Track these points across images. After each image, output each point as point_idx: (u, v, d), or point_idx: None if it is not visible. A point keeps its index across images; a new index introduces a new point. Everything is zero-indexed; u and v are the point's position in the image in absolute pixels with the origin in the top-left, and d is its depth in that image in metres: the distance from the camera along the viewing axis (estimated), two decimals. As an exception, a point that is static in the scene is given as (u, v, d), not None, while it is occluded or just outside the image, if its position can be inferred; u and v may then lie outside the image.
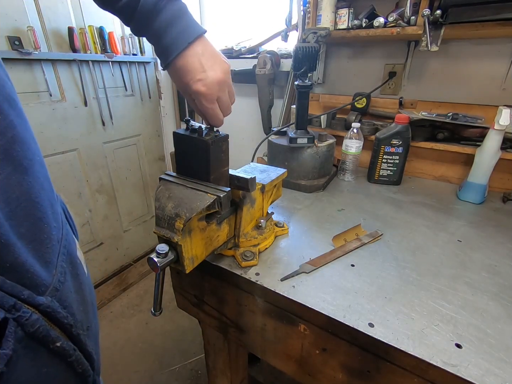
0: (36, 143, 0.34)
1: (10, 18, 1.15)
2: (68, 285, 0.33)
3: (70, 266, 0.35)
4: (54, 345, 0.29)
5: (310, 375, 0.55)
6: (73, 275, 0.35)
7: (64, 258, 0.34)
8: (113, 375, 1.37)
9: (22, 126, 0.30)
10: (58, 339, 0.29)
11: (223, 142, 0.48)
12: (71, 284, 0.34)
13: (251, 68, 1.38)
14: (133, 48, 1.59)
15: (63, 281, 0.32)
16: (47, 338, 0.28)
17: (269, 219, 0.66)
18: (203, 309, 0.68)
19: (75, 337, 0.32)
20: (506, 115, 0.76)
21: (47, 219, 0.32)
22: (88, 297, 0.39)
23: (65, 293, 0.32)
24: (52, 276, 0.30)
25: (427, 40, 0.82)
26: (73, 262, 0.36)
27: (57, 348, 0.29)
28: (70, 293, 0.33)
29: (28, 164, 0.30)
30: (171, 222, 0.44)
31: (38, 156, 0.33)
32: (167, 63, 0.44)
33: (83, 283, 0.38)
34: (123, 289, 1.88)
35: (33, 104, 1.30)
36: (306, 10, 1.05)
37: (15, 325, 0.25)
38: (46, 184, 0.34)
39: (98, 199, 1.68)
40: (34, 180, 0.30)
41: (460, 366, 0.39)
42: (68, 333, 0.31)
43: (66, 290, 0.32)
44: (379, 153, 0.97)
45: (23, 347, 0.26)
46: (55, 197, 0.37)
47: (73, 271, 0.36)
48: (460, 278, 0.56)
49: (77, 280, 0.37)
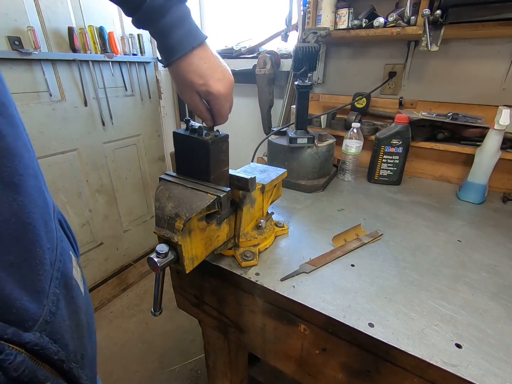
0: (30, 151, 0.31)
1: (10, 18, 1.15)
2: (61, 313, 0.30)
3: (64, 290, 0.32)
4: None
5: (310, 375, 0.55)
6: (67, 300, 0.33)
7: (57, 283, 0.31)
8: (113, 375, 1.37)
9: (12, 135, 0.27)
10: (46, 380, 0.26)
11: (223, 142, 0.48)
12: (65, 311, 0.32)
13: (251, 68, 1.38)
14: (133, 48, 1.59)
15: (54, 311, 0.29)
16: (33, 380, 0.25)
17: (269, 219, 0.66)
18: (203, 309, 0.68)
19: (68, 372, 0.30)
20: (506, 115, 0.76)
21: (40, 242, 0.29)
22: (84, 318, 0.36)
23: (56, 324, 0.29)
24: (42, 307, 0.27)
25: (427, 40, 0.82)
26: (68, 285, 0.34)
27: None
28: (63, 322, 0.30)
29: (19, 180, 0.27)
30: (171, 222, 0.44)
31: (31, 168, 0.30)
32: (170, 62, 0.44)
33: (78, 306, 0.35)
34: (123, 289, 1.87)
35: (33, 104, 1.29)
36: (306, 10, 1.05)
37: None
38: (40, 200, 0.31)
39: (98, 199, 1.68)
40: (25, 198, 0.28)
41: (460, 366, 0.39)
42: (59, 368, 0.29)
43: (58, 320, 0.29)
44: (379, 153, 0.97)
45: None
46: (51, 211, 0.34)
47: (68, 295, 0.33)
48: (460, 278, 0.56)
49: (72, 304, 0.34)
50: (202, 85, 0.45)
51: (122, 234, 1.89)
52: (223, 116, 0.50)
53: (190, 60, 0.44)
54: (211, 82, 0.45)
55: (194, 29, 0.44)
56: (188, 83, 0.46)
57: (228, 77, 0.47)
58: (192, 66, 0.44)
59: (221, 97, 0.46)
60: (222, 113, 0.49)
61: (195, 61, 0.44)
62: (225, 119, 0.51)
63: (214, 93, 0.46)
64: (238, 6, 1.66)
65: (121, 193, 1.81)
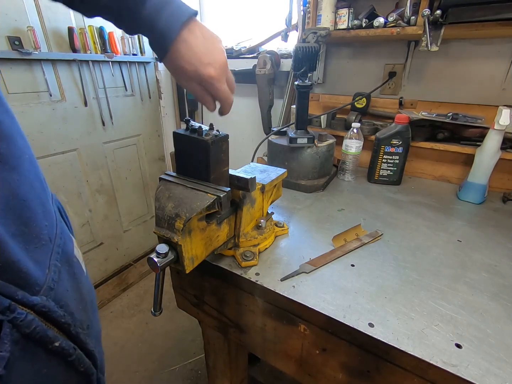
0: (25, 140, 0.33)
1: (10, 18, 1.15)
2: (63, 284, 0.33)
3: (66, 265, 0.35)
4: (53, 345, 0.29)
5: (310, 375, 0.55)
6: (69, 274, 0.35)
7: (58, 257, 0.33)
8: (113, 375, 1.37)
9: (7, 122, 0.30)
10: (56, 339, 0.29)
11: (223, 142, 0.48)
12: (68, 283, 0.34)
13: (251, 68, 1.38)
14: (133, 48, 1.59)
15: (57, 280, 0.31)
16: (45, 338, 0.28)
17: (269, 219, 0.66)
18: (203, 309, 0.68)
19: (75, 336, 0.32)
20: (506, 115, 0.76)
21: (36, 218, 0.31)
22: (87, 296, 0.38)
23: (60, 292, 0.31)
24: (45, 276, 0.30)
25: (427, 40, 0.82)
26: (69, 261, 0.36)
27: (56, 348, 0.29)
28: (67, 292, 0.33)
29: (15, 162, 0.29)
30: (171, 222, 0.44)
31: (26, 154, 0.32)
32: (167, 51, 0.43)
33: (81, 282, 0.37)
34: (123, 289, 1.87)
35: (33, 104, 1.29)
36: (306, 10, 1.05)
37: (11, 326, 0.24)
38: (37, 183, 0.33)
39: (98, 199, 1.68)
40: (22, 178, 0.30)
41: (460, 366, 0.39)
42: (66, 332, 0.31)
43: (61, 289, 0.32)
44: (379, 153, 0.97)
45: (20, 349, 0.25)
46: (48, 196, 0.37)
47: (70, 270, 0.35)
48: (460, 278, 0.56)
49: (74, 279, 0.36)
50: (193, 71, 0.44)
51: (122, 234, 1.89)
52: (222, 98, 0.48)
53: (177, 48, 0.43)
54: (200, 68, 0.44)
55: (175, 11, 0.41)
56: (180, 72, 0.45)
57: (218, 58, 0.45)
58: (180, 53, 0.43)
59: (213, 81, 0.45)
60: (220, 95, 0.48)
61: (182, 49, 0.43)
62: (227, 100, 0.49)
63: (205, 78, 0.45)
64: (238, 6, 1.66)
65: (121, 193, 1.81)
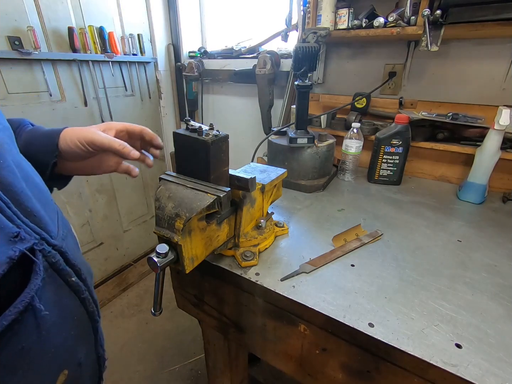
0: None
1: (10, 18, 1.15)
2: (69, 242, 0.38)
3: (68, 234, 0.39)
4: (70, 279, 0.34)
5: (310, 375, 0.55)
6: (72, 238, 0.40)
7: (62, 223, 0.38)
8: (113, 375, 1.37)
9: None
10: (72, 275, 0.34)
11: (223, 142, 0.48)
12: (72, 246, 0.38)
13: (251, 68, 1.38)
14: (133, 48, 1.59)
15: (65, 237, 0.36)
16: (64, 271, 0.33)
17: (269, 219, 0.66)
18: (203, 309, 0.68)
19: (84, 281, 0.37)
20: (506, 115, 0.76)
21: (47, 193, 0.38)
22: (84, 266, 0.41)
23: (69, 246, 0.36)
24: (57, 231, 0.36)
25: (427, 40, 0.82)
26: (70, 233, 0.40)
27: (73, 283, 0.34)
28: (72, 250, 0.37)
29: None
30: (171, 222, 0.44)
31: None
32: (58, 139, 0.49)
33: (80, 255, 0.41)
34: (123, 289, 1.87)
35: (33, 104, 1.29)
36: (306, 10, 1.05)
37: (41, 255, 0.30)
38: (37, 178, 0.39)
39: (98, 199, 1.68)
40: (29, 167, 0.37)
41: (460, 366, 0.39)
42: (78, 275, 0.36)
43: (68, 244, 0.36)
44: (379, 153, 0.97)
45: (48, 275, 0.31)
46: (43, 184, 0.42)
47: (70, 234, 0.40)
48: (460, 278, 0.56)
49: (75, 243, 0.41)
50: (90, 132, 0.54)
51: (122, 234, 1.89)
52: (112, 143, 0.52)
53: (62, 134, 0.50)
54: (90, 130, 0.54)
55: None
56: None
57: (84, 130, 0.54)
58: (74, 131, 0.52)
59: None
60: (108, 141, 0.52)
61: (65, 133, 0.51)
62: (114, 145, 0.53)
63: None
64: (238, 6, 1.66)
65: (121, 193, 1.81)
